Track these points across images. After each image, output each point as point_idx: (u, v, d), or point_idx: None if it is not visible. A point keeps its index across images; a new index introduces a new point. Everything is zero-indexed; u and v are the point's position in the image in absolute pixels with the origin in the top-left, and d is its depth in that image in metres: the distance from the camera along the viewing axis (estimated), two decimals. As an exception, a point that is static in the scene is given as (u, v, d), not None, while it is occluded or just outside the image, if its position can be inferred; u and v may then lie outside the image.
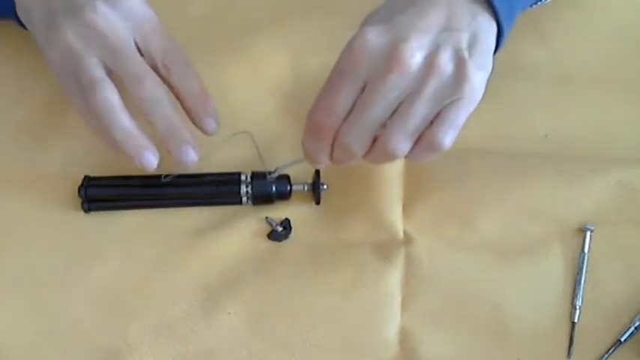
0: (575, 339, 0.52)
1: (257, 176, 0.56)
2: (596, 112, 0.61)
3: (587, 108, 0.61)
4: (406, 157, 0.48)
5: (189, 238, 0.56)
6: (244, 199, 0.56)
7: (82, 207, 0.55)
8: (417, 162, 0.49)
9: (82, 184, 0.56)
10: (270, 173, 0.55)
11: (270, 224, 0.56)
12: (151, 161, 0.50)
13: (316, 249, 0.55)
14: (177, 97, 0.52)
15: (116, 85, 0.50)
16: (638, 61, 0.63)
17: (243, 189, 0.55)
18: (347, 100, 0.46)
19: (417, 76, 0.45)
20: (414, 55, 0.45)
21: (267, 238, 0.56)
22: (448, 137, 0.46)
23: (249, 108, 0.55)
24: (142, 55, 0.51)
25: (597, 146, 0.59)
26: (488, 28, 0.48)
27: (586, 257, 0.54)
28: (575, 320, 0.52)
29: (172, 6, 0.59)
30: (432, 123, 0.46)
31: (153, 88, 0.50)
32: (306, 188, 0.57)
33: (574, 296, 0.53)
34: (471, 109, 0.46)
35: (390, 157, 0.48)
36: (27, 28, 0.56)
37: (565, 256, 0.55)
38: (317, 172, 0.56)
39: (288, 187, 0.56)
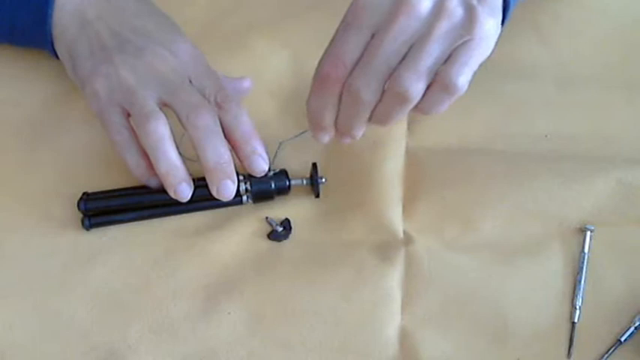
0: (575, 339, 0.52)
1: None
2: (596, 112, 0.61)
3: (587, 108, 0.61)
4: (419, 106, 0.47)
5: (189, 238, 0.56)
6: (244, 197, 0.56)
7: (83, 223, 0.55)
8: (429, 113, 0.48)
9: (80, 199, 0.55)
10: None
11: (270, 224, 0.56)
12: (185, 192, 0.52)
13: (316, 249, 0.55)
14: (228, 133, 0.53)
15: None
16: (638, 61, 0.63)
17: (242, 187, 0.55)
18: (355, 49, 0.46)
19: (426, 18, 0.45)
20: (423, 0, 0.45)
21: (267, 238, 0.56)
22: (462, 77, 0.46)
23: (249, 108, 0.55)
24: None
25: (597, 146, 0.59)
26: None
27: (586, 257, 0.54)
28: (575, 320, 0.52)
29: (172, 6, 0.59)
30: (445, 64, 0.46)
31: (209, 117, 0.52)
32: (304, 182, 0.57)
33: (574, 296, 0.53)
34: (484, 53, 0.46)
35: (403, 100, 0.46)
36: (59, 58, 0.58)
37: (565, 256, 0.55)
38: (314, 165, 0.56)
39: (287, 182, 0.56)
